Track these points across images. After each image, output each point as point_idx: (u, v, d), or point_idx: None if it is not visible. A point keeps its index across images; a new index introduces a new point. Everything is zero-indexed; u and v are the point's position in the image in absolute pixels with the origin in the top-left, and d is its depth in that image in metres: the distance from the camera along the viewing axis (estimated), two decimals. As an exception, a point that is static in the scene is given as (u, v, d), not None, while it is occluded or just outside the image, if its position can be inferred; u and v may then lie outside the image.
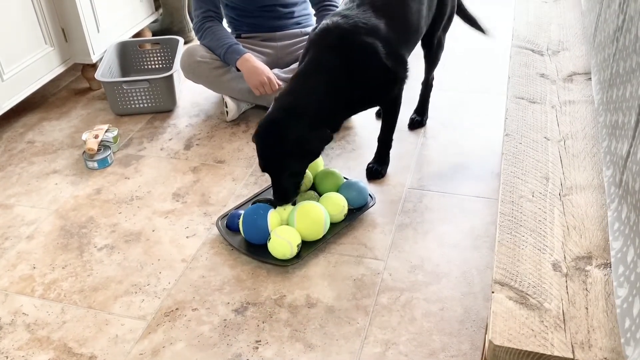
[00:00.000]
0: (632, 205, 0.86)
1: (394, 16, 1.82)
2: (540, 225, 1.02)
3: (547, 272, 0.93)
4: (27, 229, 1.87)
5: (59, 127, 2.44)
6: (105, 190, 2.03)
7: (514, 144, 1.23)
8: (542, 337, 0.83)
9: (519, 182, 1.12)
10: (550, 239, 0.99)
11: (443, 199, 1.91)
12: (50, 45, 2.46)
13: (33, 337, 1.49)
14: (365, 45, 1.75)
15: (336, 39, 1.76)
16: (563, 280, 0.92)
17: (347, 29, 1.75)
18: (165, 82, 2.42)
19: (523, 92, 1.41)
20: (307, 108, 1.70)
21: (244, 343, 1.45)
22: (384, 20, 1.79)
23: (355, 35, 1.75)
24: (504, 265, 0.95)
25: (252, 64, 2.23)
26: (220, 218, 1.83)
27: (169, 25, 3.09)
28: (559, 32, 1.67)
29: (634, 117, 0.92)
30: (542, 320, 0.86)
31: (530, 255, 0.97)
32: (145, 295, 1.60)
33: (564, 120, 1.29)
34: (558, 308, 0.88)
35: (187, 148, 2.25)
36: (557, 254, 0.96)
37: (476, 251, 1.70)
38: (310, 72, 1.76)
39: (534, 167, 1.16)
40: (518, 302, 0.88)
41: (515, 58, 1.55)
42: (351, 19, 1.76)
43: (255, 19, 2.43)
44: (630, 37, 1.02)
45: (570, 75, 1.46)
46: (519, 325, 0.85)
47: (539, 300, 0.89)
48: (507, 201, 1.08)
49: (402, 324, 1.48)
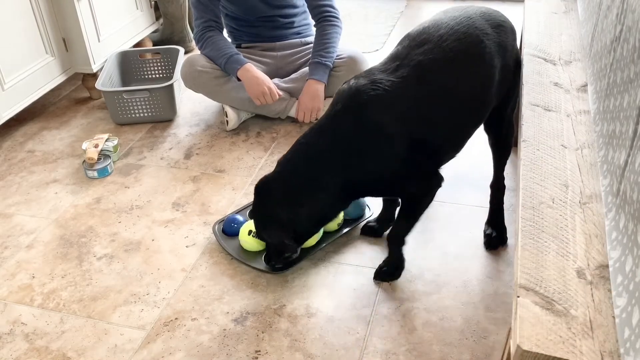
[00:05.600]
0: (630, 214, 0.86)
1: (444, 88, 1.43)
2: (562, 232, 1.01)
3: (571, 279, 0.92)
4: (27, 238, 1.87)
5: (59, 136, 2.44)
6: (105, 199, 2.03)
7: (532, 150, 1.22)
8: (570, 344, 0.82)
9: (538, 189, 1.11)
10: (573, 246, 0.98)
11: (443, 208, 1.91)
12: (51, 54, 2.47)
13: (32, 347, 1.49)
14: (373, 125, 1.41)
15: (343, 111, 1.44)
16: (588, 288, 0.91)
17: (360, 100, 1.41)
18: (165, 92, 2.43)
19: (538, 99, 1.40)
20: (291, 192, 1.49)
21: (243, 353, 1.45)
22: (425, 93, 1.41)
23: (365, 111, 1.40)
24: (528, 270, 0.94)
25: (253, 74, 2.24)
26: (217, 222, 1.84)
27: (169, 35, 3.10)
28: (570, 43, 1.67)
29: (632, 127, 0.92)
30: (570, 327, 0.84)
31: (553, 261, 0.95)
32: (144, 305, 1.60)
33: (579, 129, 1.29)
34: (585, 315, 0.86)
35: (187, 157, 2.25)
36: (580, 261, 0.95)
37: (477, 261, 1.70)
38: (308, 143, 1.49)
39: (552, 174, 1.15)
40: (544, 308, 0.87)
41: (528, 66, 1.54)
42: (377, 84, 1.40)
43: (256, 28, 2.44)
44: (628, 47, 1.03)
45: (583, 85, 1.45)
46: (546, 331, 0.83)
47: (565, 306, 0.88)
48: (528, 207, 1.07)
49: (402, 334, 1.48)
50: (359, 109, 1.41)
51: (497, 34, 1.50)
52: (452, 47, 1.43)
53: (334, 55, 2.32)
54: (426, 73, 1.41)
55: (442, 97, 1.43)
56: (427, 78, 1.41)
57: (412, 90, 1.40)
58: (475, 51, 1.45)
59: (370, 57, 2.53)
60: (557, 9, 1.90)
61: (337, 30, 2.35)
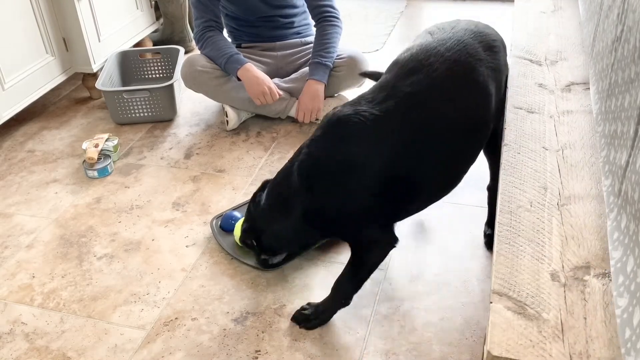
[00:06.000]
0: (632, 215, 0.86)
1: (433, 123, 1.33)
2: (539, 235, 1.02)
3: (545, 282, 0.93)
4: (27, 238, 1.87)
5: (59, 136, 2.44)
6: (105, 199, 2.03)
7: (512, 153, 1.23)
8: (540, 348, 0.83)
9: (517, 192, 1.12)
10: (549, 249, 0.99)
11: (443, 208, 1.91)
12: (51, 54, 2.47)
13: (32, 347, 1.49)
14: (345, 157, 1.33)
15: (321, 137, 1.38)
16: (561, 290, 0.92)
17: (339, 130, 1.34)
18: (165, 92, 2.43)
19: (521, 102, 1.41)
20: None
21: (243, 353, 1.45)
22: (410, 128, 1.31)
23: (341, 141, 1.34)
24: (502, 275, 0.95)
25: (253, 74, 2.24)
26: (215, 217, 1.85)
27: (169, 35, 3.10)
28: (557, 42, 1.68)
29: (633, 127, 0.92)
30: (541, 330, 0.85)
31: (528, 265, 0.97)
32: (144, 305, 1.60)
33: (562, 130, 1.30)
34: (556, 318, 0.87)
35: (187, 157, 2.25)
36: (555, 264, 0.96)
37: (476, 260, 1.70)
38: (291, 160, 1.45)
39: (532, 177, 1.16)
40: (516, 312, 0.88)
41: (514, 68, 1.55)
42: (360, 115, 1.32)
43: (256, 28, 2.44)
44: (629, 47, 1.03)
45: (568, 85, 1.46)
46: (517, 336, 0.85)
47: (537, 310, 0.89)
48: (505, 211, 1.08)
49: (402, 334, 1.48)
50: (335, 138, 1.35)
51: (490, 57, 1.41)
52: (443, 77, 1.33)
53: (334, 55, 2.32)
54: (413, 107, 1.32)
55: (429, 133, 1.33)
56: (413, 112, 1.32)
57: (395, 124, 1.31)
58: (468, 80, 1.35)
59: (370, 57, 2.53)
60: (546, 9, 1.91)
61: (337, 30, 2.35)
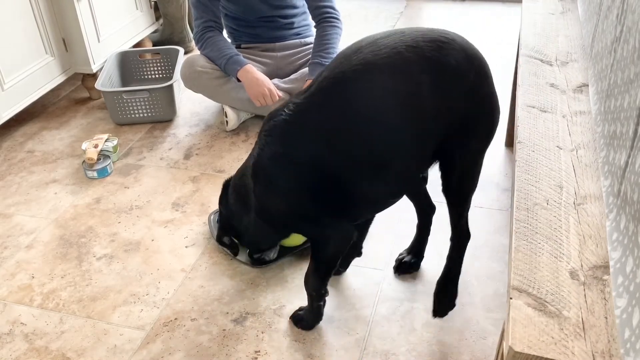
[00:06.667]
0: (631, 215, 0.86)
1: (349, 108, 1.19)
2: (556, 233, 1.02)
3: (564, 280, 0.93)
4: (26, 238, 1.87)
5: (58, 136, 2.44)
6: (104, 199, 2.03)
7: (527, 151, 1.23)
8: (562, 345, 0.82)
9: (533, 190, 1.12)
10: (567, 247, 0.99)
11: (442, 208, 1.91)
12: (51, 55, 2.47)
13: (31, 347, 1.49)
14: (270, 155, 1.28)
15: (258, 136, 1.34)
16: (581, 289, 0.91)
17: (265, 127, 1.30)
18: (165, 92, 2.43)
19: (534, 100, 1.40)
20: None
21: (243, 353, 1.45)
22: (328, 114, 1.20)
23: (267, 139, 1.29)
24: (521, 271, 0.94)
25: (253, 75, 2.24)
26: (213, 213, 1.85)
27: (169, 36, 3.10)
28: (566, 44, 1.67)
29: (632, 127, 0.92)
30: (562, 328, 0.85)
31: (547, 262, 0.96)
32: (144, 305, 1.60)
33: (575, 130, 1.29)
34: (577, 316, 0.87)
35: (186, 157, 2.25)
36: (574, 262, 0.96)
37: (476, 261, 1.70)
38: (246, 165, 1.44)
39: (547, 175, 1.16)
40: (537, 309, 0.88)
41: (525, 67, 1.55)
42: (284, 110, 1.26)
43: (255, 29, 2.44)
44: (628, 48, 1.03)
45: (580, 86, 1.46)
46: (538, 332, 0.84)
47: (557, 307, 0.88)
48: (522, 208, 1.08)
49: (402, 334, 1.48)
50: (266, 136, 1.29)
51: (429, 49, 1.19)
52: (362, 59, 1.17)
53: (334, 55, 2.32)
54: (335, 93, 1.18)
55: (352, 120, 1.19)
56: (334, 98, 1.18)
57: (314, 113, 1.20)
58: (388, 61, 1.17)
59: (370, 58, 2.52)
60: (555, 10, 1.91)
61: (337, 30, 2.35)
